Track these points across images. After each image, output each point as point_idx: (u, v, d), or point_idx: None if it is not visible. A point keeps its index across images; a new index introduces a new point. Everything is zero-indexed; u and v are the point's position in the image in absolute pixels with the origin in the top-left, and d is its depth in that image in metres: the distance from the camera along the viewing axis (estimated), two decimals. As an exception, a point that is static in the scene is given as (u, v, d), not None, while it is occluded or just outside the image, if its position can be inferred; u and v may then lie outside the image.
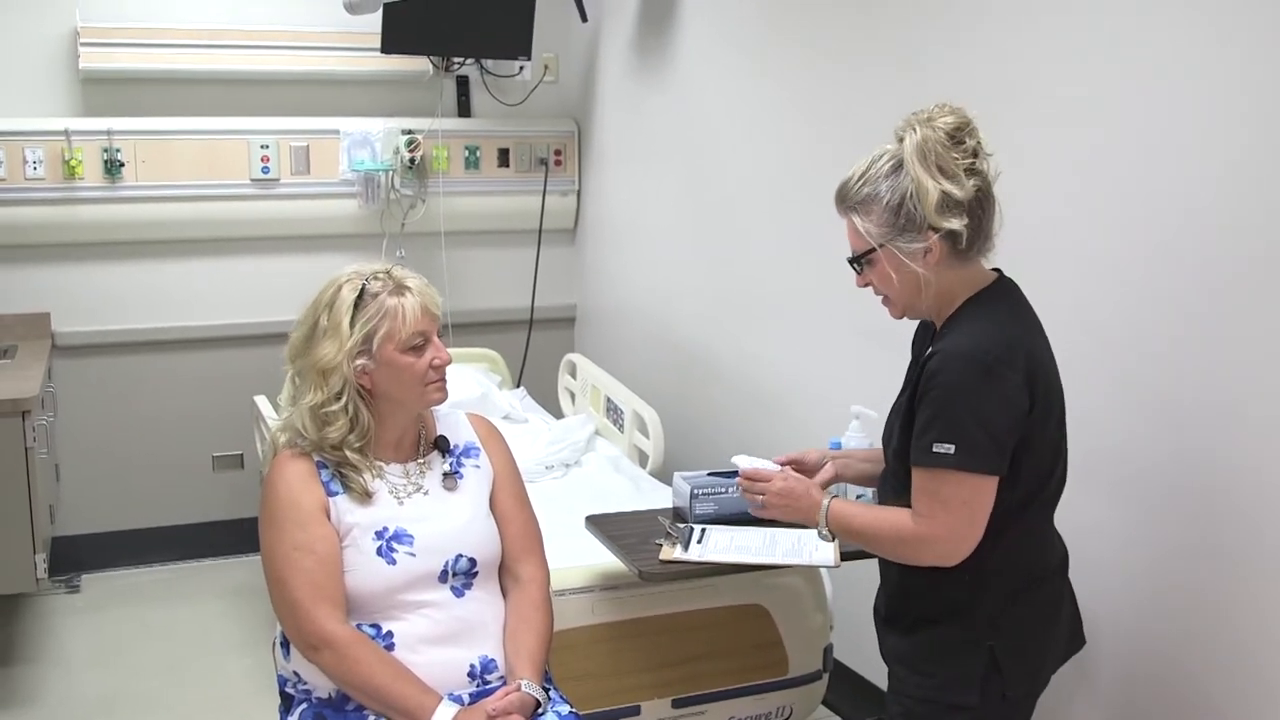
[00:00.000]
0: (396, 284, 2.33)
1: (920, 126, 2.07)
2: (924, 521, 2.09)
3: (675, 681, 2.94)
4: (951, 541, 2.08)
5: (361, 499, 2.30)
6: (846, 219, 2.17)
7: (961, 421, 2.03)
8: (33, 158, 4.47)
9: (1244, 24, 2.23)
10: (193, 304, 4.82)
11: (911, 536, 2.10)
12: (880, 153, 2.14)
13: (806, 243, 3.63)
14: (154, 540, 4.88)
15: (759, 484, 2.37)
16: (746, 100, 3.95)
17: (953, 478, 2.05)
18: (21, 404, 3.69)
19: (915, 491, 2.10)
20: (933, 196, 2.05)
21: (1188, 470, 2.40)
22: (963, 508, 2.06)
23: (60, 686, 3.89)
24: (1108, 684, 2.62)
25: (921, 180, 2.05)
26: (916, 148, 2.06)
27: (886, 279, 2.15)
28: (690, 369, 4.39)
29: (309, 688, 2.32)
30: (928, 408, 2.07)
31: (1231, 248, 2.28)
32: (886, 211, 2.10)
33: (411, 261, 4.82)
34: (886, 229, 2.10)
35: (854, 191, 2.14)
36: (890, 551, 2.18)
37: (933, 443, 2.05)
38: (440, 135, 4.97)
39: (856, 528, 2.22)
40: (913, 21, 3.11)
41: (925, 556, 2.11)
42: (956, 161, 2.06)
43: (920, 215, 2.07)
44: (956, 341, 2.09)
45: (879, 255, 2.13)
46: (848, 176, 2.16)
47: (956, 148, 2.07)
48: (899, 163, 2.10)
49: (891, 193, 2.09)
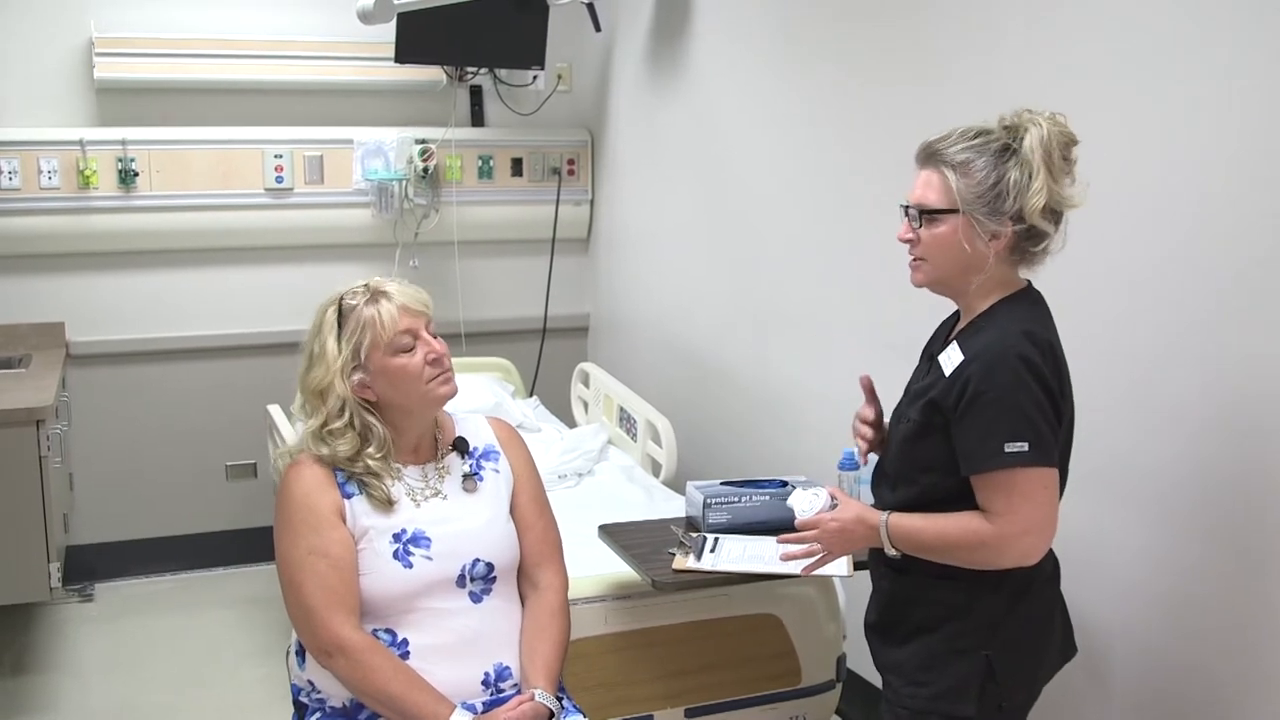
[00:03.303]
0: (373, 293, 2.32)
1: (1045, 123, 2.07)
2: (1005, 520, 2.06)
3: (688, 691, 2.93)
4: (1040, 533, 2.08)
5: (382, 505, 2.30)
6: (932, 171, 2.14)
7: (1030, 418, 2.04)
8: (48, 167, 4.48)
9: (1255, 30, 2.23)
10: (206, 313, 4.84)
11: (994, 538, 2.07)
12: (984, 128, 2.12)
13: (820, 252, 3.63)
14: (167, 549, 4.89)
15: (810, 534, 2.28)
16: (760, 110, 3.95)
17: (1031, 474, 2.05)
18: (36, 413, 3.70)
19: (989, 492, 2.08)
20: (1043, 198, 2.05)
21: (1198, 476, 2.39)
22: (1046, 498, 2.07)
23: (74, 696, 3.89)
24: (1119, 690, 2.61)
25: (1040, 176, 2.05)
26: (1042, 143, 2.06)
27: (942, 242, 2.13)
28: (703, 378, 4.39)
29: (323, 697, 2.32)
30: (984, 410, 2.06)
31: (1239, 252, 2.28)
32: (982, 184, 2.08)
33: (424, 271, 4.85)
34: (975, 198, 2.09)
35: (952, 151, 2.11)
36: (967, 558, 2.12)
37: (1004, 443, 2.04)
38: (454, 145, 4.98)
39: (928, 541, 2.15)
40: (929, 31, 3.11)
41: (1009, 556, 2.09)
42: (1066, 172, 2.08)
43: (1011, 203, 2.07)
44: (999, 341, 2.08)
45: (951, 217, 2.11)
46: (943, 134, 2.14)
47: (1066, 159, 2.09)
48: (1006, 147, 2.08)
49: (992, 170, 2.08)
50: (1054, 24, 2.70)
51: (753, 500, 2.91)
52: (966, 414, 2.08)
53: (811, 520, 2.27)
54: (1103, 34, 2.56)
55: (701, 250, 4.38)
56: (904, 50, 3.21)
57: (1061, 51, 2.67)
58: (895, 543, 2.17)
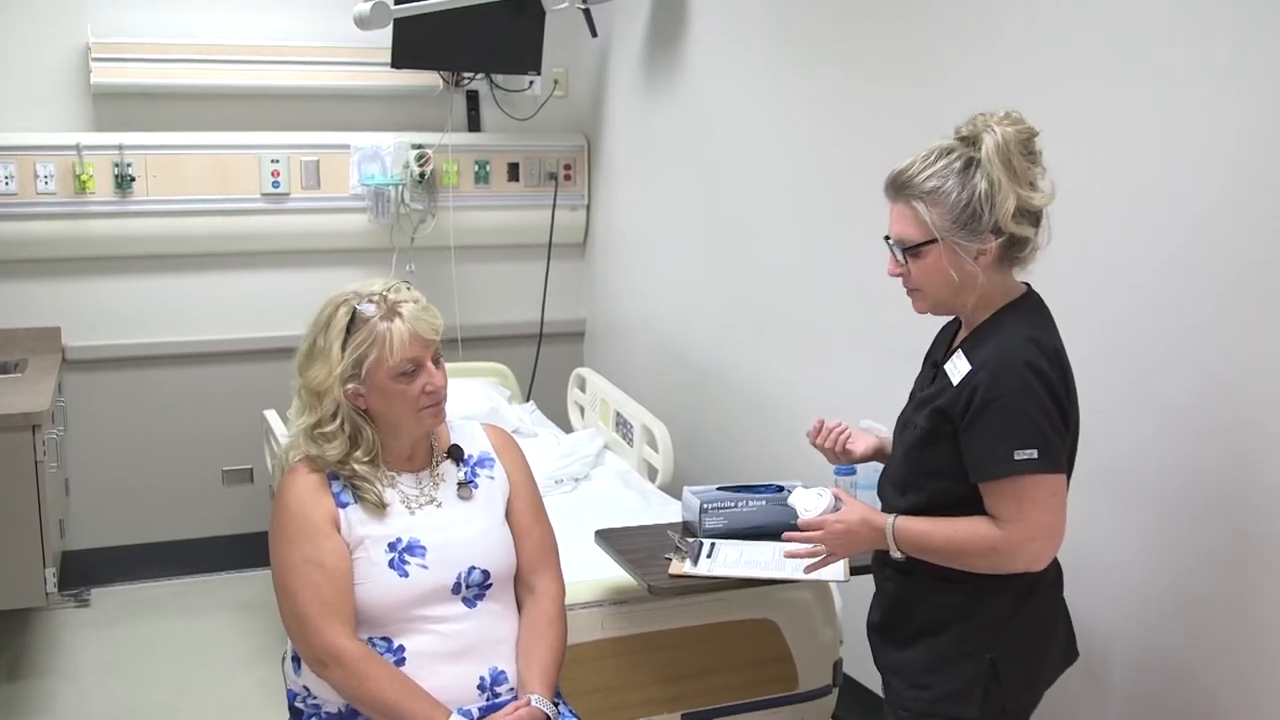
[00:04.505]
0: (390, 308, 2.28)
1: (999, 127, 2.07)
2: (1016, 526, 2.07)
3: (684, 696, 2.93)
4: (1049, 539, 2.09)
5: (375, 510, 2.30)
6: (903, 206, 2.13)
7: (1038, 426, 2.04)
8: (44, 172, 4.48)
9: (1252, 32, 2.23)
10: (203, 318, 4.83)
11: (1004, 543, 2.07)
12: (945, 147, 2.12)
13: (818, 256, 3.63)
14: (164, 554, 4.88)
15: (815, 534, 2.26)
16: (757, 113, 3.95)
17: (1040, 480, 2.05)
18: (32, 418, 3.69)
19: (998, 500, 2.08)
20: (1011, 203, 2.05)
21: (1197, 478, 2.39)
22: (1055, 505, 2.08)
23: (70, 700, 3.89)
24: (1118, 692, 2.61)
25: (1003, 184, 2.05)
26: (998, 150, 2.05)
27: (931, 271, 2.13)
28: (699, 383, 4.39)
29: (319, 702, 2.31)
30: (993, 418, 2.06)
31: (1239, 254, 2.28)
32: (955, 207, 2.08)
33: (421, 276, 4.85)
34: (950, 223, 2.09)
35: (919, 181, 2.10)
36: (976, 563, 2.12)
37: (1014, 451, 2.04)
38: (450, 150, 4.98)
39: (935, 545, 2.14)
40: (927, 32, 3.11)
41: (1019, 561, 2.09)
42: (1030, 170, 2.08)
43: (987, 217, 2.07)
44: (1006, 349, 2.08)
45: (933, 248, 2.11)
46: (907, 164, 2.13)
47: (1029, 156, 2.08)
48: (970, 161, 2.08)
49: (961, 190, 2.07)
50: (1053, 25, 2.70)
51: (749, 505, 2.91)
52: (975, 422, 2.08)
53: (816, 521, 2.25)
54: (1102, 35, 2.56)
55: (698, 254, 4.38)
56: (902, 52, 3.21)
57: (1061, 53, 2.67)
58: (901, 545, 2.17)
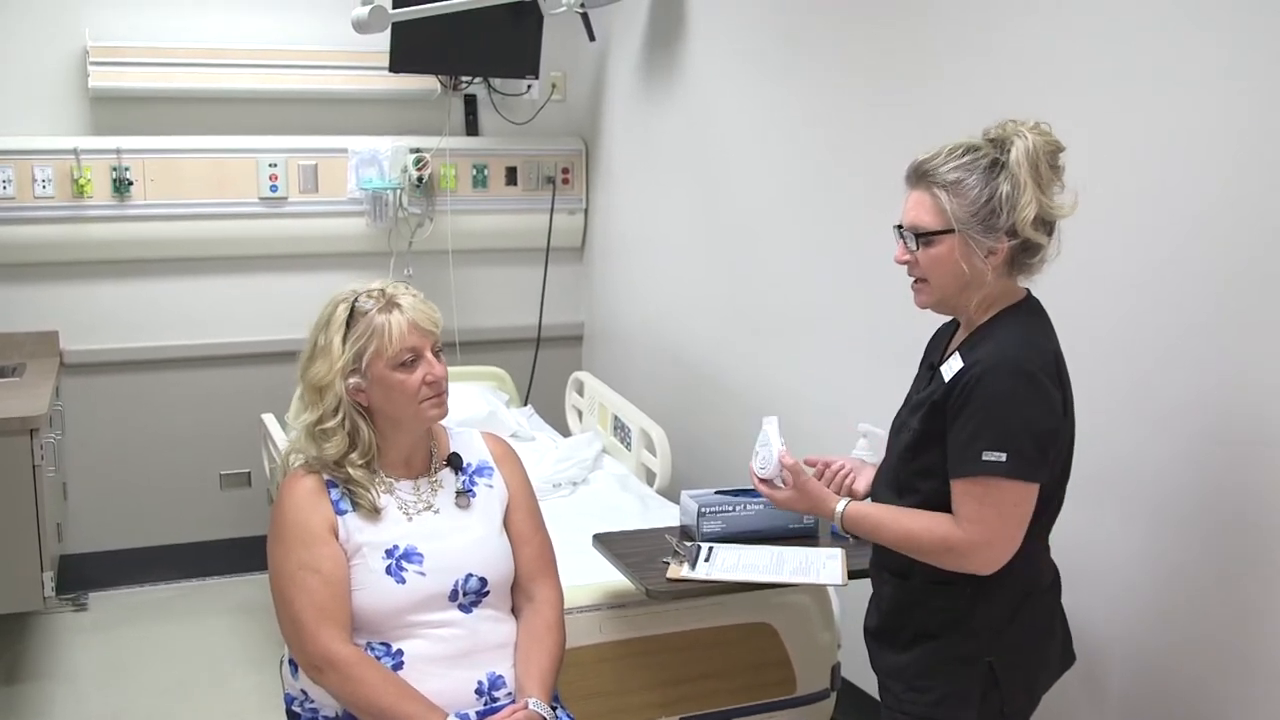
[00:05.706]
0: (388, 301, 2.32)
1: (1030, 134, 2.07)
2: (973, 528, 2.07)
3: (682, 700, 2.93)
4: (1000, 547, 2.08)
5: (370, 515, 2.30)
6: (923, 193, 2.13)
7: (1013, 430, 2.04)
8: (42, 176, 4.48)
9: (1252, 32, 2.24)
10: (200, 322, 4.83)
11: (960, 543, 2.08)
12: (972, 144, 2.12)
13: (817, 259, 3.63)
14: (162, 558, 4.88)
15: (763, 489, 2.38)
16: (755, 116, 3.95)
17: (1004, 485, 2.05)
18: (30, 422, 3.69)
19: (960, 497, 2.09)
20: (1033, 209, 2.05)
21: (1196, 481, 2.40)
22: (1014, 514, 2.07)
23: (68, 704, 3.89)
24: (1116, 696, 2.61)
25: (1027, 189, 2.05)
26: (1027, 155, 2.06)
27: (941, 262, 2.13)
28: (697, 387, 4.39)
29: (316, 706, 2.32)
30: (973, 416, 2.07)
31: (1238, 255, 2.29)
32: (975, 202, 2.08)
33: (419, 280, 4.84)
34: (969, 216, 2.09)
35: (943, 171, 2.11)
36: (932, 559, 2.14)
37: (983, 451, 2.04)
38: (448, 154, 4.98)
39: (889, 538, 2.19)
40: (927, 34, 3.11)
41: (971, 563, 2.10)
42: (1054, 182, 2.09)
43: (1005, 218, 2.07)
44: (999, 351, 2.08)
45: (947, 238, 2.11)
46: (931, 154, 2.13)
47: (1054, 168, 2.09)
48: (995, 162, 2.08)
49: (983, 186, 2.08)
50: (1053, 27, 2.70)
51: (747, 509, 2.91)
52: (957, 418, 2.09)
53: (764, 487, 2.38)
54: (1102, 36, 2.57)
55: (697, 258, 4.38)
56: (901, 53, 3.21)
57: (1061, 54, 2.68)
58: (851, 531, 2.26)
